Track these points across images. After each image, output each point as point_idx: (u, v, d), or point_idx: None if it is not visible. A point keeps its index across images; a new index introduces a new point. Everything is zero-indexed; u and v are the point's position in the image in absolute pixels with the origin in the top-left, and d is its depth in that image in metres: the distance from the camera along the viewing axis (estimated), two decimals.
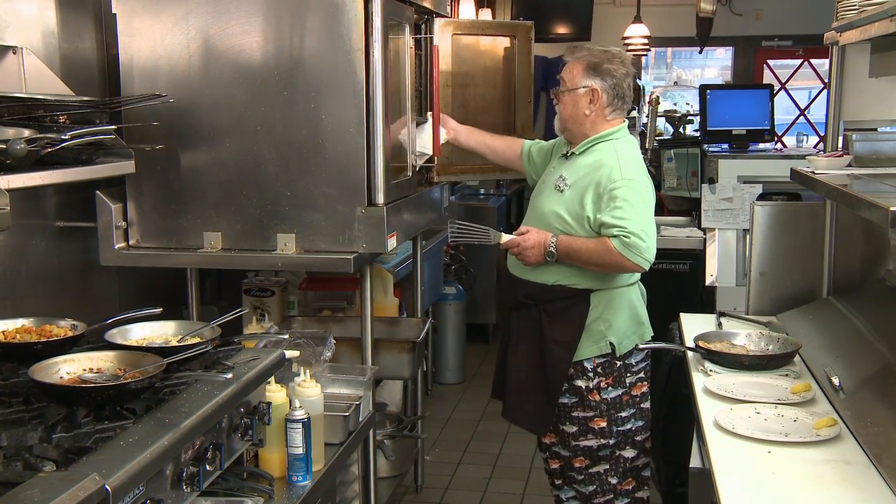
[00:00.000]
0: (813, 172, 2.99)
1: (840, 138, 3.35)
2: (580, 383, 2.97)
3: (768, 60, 8.34)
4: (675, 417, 3.13)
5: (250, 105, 2.85)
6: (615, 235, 2.77)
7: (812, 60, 8.17)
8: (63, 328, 2.35)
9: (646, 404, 3.05)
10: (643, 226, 2.78)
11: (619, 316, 2.96)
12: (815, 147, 6.09)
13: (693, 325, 3.32)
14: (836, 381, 2.55)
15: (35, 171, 2.16)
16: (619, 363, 2.97)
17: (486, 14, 7.29)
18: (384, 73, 2.80)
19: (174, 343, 2.30)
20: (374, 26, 2.77)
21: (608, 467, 3.02)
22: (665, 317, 3.16)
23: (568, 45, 3.38)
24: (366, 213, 2.83)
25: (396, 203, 2.97)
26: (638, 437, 3.04)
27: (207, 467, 1.99)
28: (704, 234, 5.14)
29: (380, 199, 2.84)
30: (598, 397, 2.97)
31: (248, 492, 2.27)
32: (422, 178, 3.44)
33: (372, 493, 3.22)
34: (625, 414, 3.00)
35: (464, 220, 3.14)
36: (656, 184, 3.12)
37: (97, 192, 2.90)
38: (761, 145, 5.42)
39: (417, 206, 3.30)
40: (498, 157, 3.42)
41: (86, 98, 2.67)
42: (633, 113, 5.60)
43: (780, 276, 3.52)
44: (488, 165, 3.65)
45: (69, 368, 2.07)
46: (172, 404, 1.98)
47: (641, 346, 2.97)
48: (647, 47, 7.46)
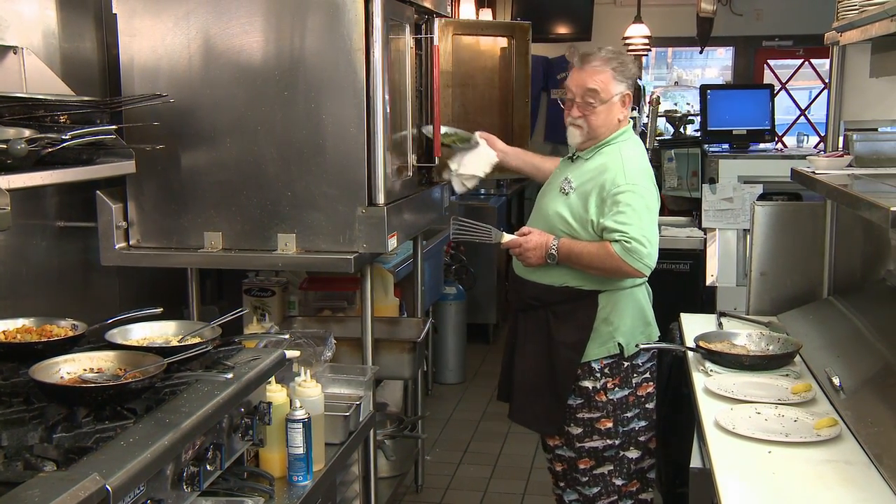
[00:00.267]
0: (813, 172, 3.00)
1: (840, 138, 3.35)
2: (587, 384, 2.97)
3: (769, 60, 8.33)
4: (676, 418, 3.13)
5: (251, 105, 2.85)
6: (617, 240, 2.78)
7: (812, 60, 8.16)
8: (64, 328, 2.34)
9: (651, 405, 3.06)
10: (645, 232, 2.80)
11: (627, 317, 2.97)
12: (815, 147, 6.09)
13: (693, 325, 3.32)
14: (836, 381, 2.55)
15: (35, 171, 2.16)
16: (627, 364, 2.98)
17: (486, 14, 7.28)
18: (385, 73, 2.80)
19: (175, 343, 2.30)
20: (375, 26, 2.77)
21: (612, 468, 3.02)
22: (665, 317, 3.16)
23: (568, 47, 3.37)
24: (366, 213, 2.83)
25: (397, 203, 2.97)
26: (641, 438, 3.04)
27: (208, 467, 1.99)
28: (705, 234, 5.13)
29: (380, 199, 2.84)
30: (604, 398, 2.97)
31: (249, 492, 2.27)
32: (422, 177, 3.44)
33: (372, 493, 3.22)
34: (629, 414, 3.00)
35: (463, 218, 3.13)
36: (657, 184, 3.11)
37: (97, 192, 2.90)
38: (762, 145, 5.42)
39: (418, 206, 3.30)
40: (546, 177, 3.27)
41: (86, 98, 2.67)
42: (634, 113, 5.59)
43: (781, 276, 3.52)
44: None
45: (70, 368, 2.07)
46: (173, 404, 1.98)
47: (642, 346, 2.97)
48: (648, 47, 7.45)
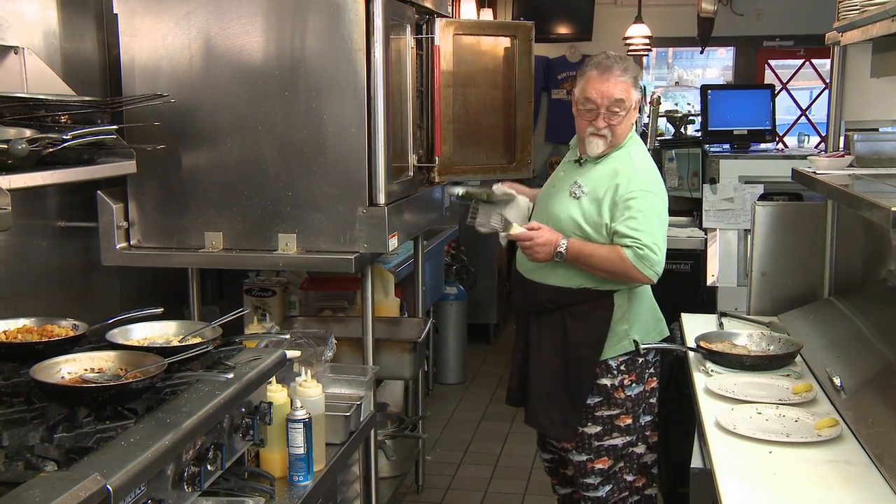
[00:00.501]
0: (814, 172, 3.00)
1: (841, 138, 3.35)
2: (605, 381, 2.97)
3: (769, 60, 8.31)
4: (677, 418, 3.13)
5: (251, 105, 2.86)
6: (629, 246, 2.79)
7: (813, 60, 8.14)
8: (64, 328, 2.34)
9: (654, 399, 3.07)
10: (656, 239, 2.81)
11: (641, 313, 3.00)
12: (816, 147, 6.08)
13: (694, 325, 3.32)
14: (837, 381, 2.55)
15: (36, 171, 2.16)
16: (641, 359, 2.99)
17: (487, 14, 7.27)
18: (385, 73, 2.80)
19: (175, 343, 2.30)
20: (376, 26, 2.77)
21: (623, 465, 3.03)
22: (666, 317, 3.16)
23: (568, 47, 3.38)
24: (367, 213, 2.83)
25: (397, 203, 2.97)
26: (648, 433, 3.05)
27: (209, 467, 1.99)
28: (706, 234, 5.13)
29: (381, 199, 2.84)
30: (622, 394, 2.98)
31: (250, 492, 2.27)
32: (423, 178, 3.44)
33: (373, 493, 3.22)
34: (641, 409, 3.02)
35: (464, 219, 3.14)
36: None
37: (98, 192, 2.90)
38: (762, 145, 5.41)
39: (418, 206, 3.30)
40: None
41: (87, 98, 2.67)
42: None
43: (782, 276, 3.52)
44: (489, 165, 3.64)
45: (70, 368, 2.07)
46: (174, 404, 1.98)
47: (643, 346, 2.97)
48: (649, 47, 7.43)
